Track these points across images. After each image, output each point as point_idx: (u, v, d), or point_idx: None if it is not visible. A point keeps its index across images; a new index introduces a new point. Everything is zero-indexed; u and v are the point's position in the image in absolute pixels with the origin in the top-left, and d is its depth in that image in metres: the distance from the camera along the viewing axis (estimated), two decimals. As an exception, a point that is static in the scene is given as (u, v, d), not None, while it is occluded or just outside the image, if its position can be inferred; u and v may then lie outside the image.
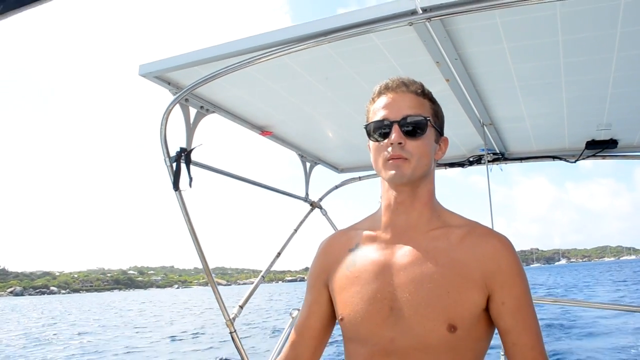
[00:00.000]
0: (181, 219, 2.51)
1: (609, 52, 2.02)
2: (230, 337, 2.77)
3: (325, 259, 1.55)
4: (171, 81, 2.34)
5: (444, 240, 1.38)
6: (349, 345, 1.44)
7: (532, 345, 1.30)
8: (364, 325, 1.36)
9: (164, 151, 2.43)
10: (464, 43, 1.97)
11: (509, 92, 2.46)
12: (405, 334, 1.30)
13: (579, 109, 2.70)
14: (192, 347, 18.94)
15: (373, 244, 1.46)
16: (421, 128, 1.37)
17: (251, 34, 1.98)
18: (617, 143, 3.21)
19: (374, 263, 1.41)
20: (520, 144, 3.39)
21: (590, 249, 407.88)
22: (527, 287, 1.35)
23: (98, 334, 26.56)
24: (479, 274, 1.32)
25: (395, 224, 1.44)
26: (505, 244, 1.36)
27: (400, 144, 1.35)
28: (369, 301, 1.37)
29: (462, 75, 2.21)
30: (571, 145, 3.35)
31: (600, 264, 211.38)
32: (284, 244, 3.52)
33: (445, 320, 1.28)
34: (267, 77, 2.33)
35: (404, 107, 1.38)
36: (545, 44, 1.96)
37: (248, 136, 3.02)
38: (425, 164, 1.39)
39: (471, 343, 1.32)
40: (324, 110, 2.74)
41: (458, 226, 1.41)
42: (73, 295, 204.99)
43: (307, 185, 3.73)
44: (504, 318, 1.32)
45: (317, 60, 2.15)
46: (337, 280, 1.48)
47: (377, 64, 2.17)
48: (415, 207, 1.42)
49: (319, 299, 1.54)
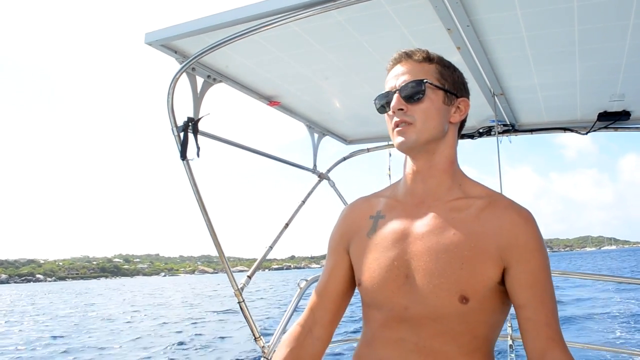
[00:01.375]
0: (168, 205, 2.51)
1: (625, 19, 1.96)
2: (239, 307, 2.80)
3: (347, 224, 1.57)
4: (178, 50, 2.31)
5: (464, 212, 1.38)
6: (367, 310, 1.46)
7: (547, 322, 1.28)
8: (381, 292, 1.38)
9: (171, 121, 2.42)
10: (476, 9, 1.93)
11: (521, 61, 2.41)
12: (419, 303, 1.32)
13: (593, 79, 2.64)
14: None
15: (393, 211, 1.47)
16: (420, 91, 1.37)
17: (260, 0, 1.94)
18: (629, 115, 3.15)
19: (393, 231, 1.42)
20: (531, 115, 3.34)
21: (572, 239, 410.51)
22: (545, 263, 1.32)
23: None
24: (494, 247, 1.31)
25: (415, 192, 1.45)
26: (525, 217, 1.34)
27: (401, 109, 1.37)
28: (386, 268, 1.38)
29: (473, 43, 2.16)
30: (583, 116, 3.30)
31: (582, 254, 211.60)
32: (291, 215, 3.52)
33: (458, 292, 1.28)
34: (274, 45, 2.30)
35: (403, 75, 1.41)
36: (560, 10, 1.91)
37: (256, 106, 3.00)
38: (432, 127, 1.38)
39: (483, 315, 1.32)
40: (333, 79, 2.71)
41: (479, 197, 1.41)
42: (61, 283, 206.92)
43: (315, 156, 3.71)
44: (518, 292, 1.30)
45: (325, 27, 2.11)
46: (357, 246, 1.49)
47: (388, 32, 2.13)
48: (433, 174, 1.42)
49: (340, 263, 1.56)
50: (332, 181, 3.89)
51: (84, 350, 16.69)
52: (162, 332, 20.18)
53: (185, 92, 2.45)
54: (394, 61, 1.46)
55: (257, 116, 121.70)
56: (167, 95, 2.34)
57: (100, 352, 16.25)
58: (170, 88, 2.32)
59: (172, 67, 2.33)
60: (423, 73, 1.40)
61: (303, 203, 3.63)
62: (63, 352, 16.75)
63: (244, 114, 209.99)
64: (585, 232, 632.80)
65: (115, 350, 16.32)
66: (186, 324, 22.57)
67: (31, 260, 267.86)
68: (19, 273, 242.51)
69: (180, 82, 2.36)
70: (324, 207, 19.99)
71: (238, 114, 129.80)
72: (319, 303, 1.57)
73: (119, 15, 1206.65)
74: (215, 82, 2.59)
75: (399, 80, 1.40)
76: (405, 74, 1.41)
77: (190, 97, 2.48)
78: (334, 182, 3.90)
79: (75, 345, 18.05)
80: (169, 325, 22.45)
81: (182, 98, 2.42)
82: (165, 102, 2.37)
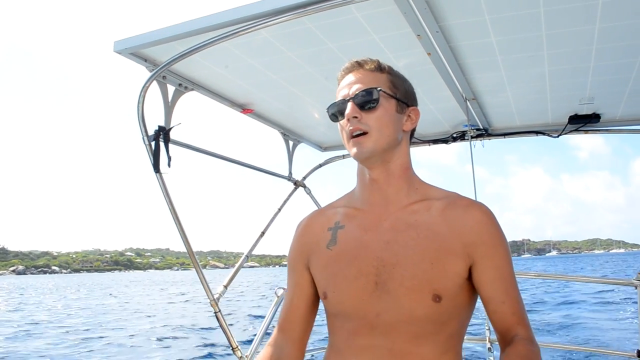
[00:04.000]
0: (177, 201, 2.50)
1: (590, 24, 2.00)
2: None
3: (304, 239, 1.56)
4: (148, 58, 2.28)
5: (425, 213, 1.39)
6: (333, 320, 1.45)
7: (513, 311, 1.33)
8: (349, 302, 1.37)
9: (142, 130, 2.38)
10: (445, 15, 1.94)
11: (491, 66, 2.43)
12: (391, 307, 1.32)
13: (562, 83, 2.68)
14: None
15: (353, 221, 1.46)
16: (374, 100, 1.39)
17: (230, 7, 1.93)
18: (599, 117, 3.20)
19: (356, 240, 1.42)
20: (503, 119, 3.38)
21: (580, 241, 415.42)
22: (508, 257, 1.38)
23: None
24: (460, 245, 1.33)
25: (373, 200, 1.45)
26: (486, 214, 1.37)
27: (355, 117, 1.38)
28: (352, 277, 1.37)
29: (443, 48, 2.18)
30: (554, 120, 3.35)
31: (589, 256, 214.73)
32: (267, 223, 3.50)
33: (431, 291, 1.30)
34: (246, 53, 2.28)
35: (356, 83, 1.42)
36: (527, 15, 1.94)
37: (230, 114, 2.97)
38: (387, 135, 1.39)
39: (455, 312, 1.35)
40: (305, 86, 2.70)
41: (438, 198, 1.42)
42: (76, 275, 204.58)
43: (290, 163, 3.70)
44: (485, 287, 1.34)
45: (297, 34, 2.11)
46: (317, 259, 1.49)
47: (358, 38, 2.13)
48: (390, 182, 1.43)
49: (300, 280, 1.55)
50: (309, 188, 3.88)
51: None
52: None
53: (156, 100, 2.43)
54: (345, 70, 1.48)
55: (232, 123, 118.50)
56: (137, 103, 2.30)
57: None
58: (140, 97, 2.28)
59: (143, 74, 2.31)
60: (375, 82, 1.42)
61: (279, 211, 3.62)
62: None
63: (218, 121, 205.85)
64: (594, 235, 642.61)
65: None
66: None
67: (45, 252, 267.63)
68: (35, 265, 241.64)
69: (151, 90, 2.33)
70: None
71: (212, 121, 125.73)
72: (287, 321, 1.57)
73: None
74: (187, 90, 2.56)
75: (352, 89, 1.42)
76: (358, 83, 1.42)
77: (161, 105, 2.45)
78: (310, 189, 3.88)
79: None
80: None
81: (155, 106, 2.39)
82: (136, 111, 2.34)
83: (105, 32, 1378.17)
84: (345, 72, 1.49)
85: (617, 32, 2.07)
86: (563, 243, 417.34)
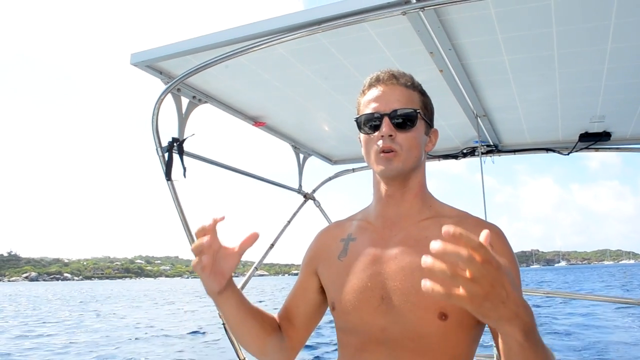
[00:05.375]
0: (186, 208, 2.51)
1: (602, 44, 2.01)
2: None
3: (317, 247, 1.58)
4: (163, 70, 2.32)
5: (435, 230, 1.38)
6: (342, 335, 1.44)
7: None
8: (355, 314, 1.37)
9: (155, 141, 2.41)
10: (458, 33, 1.97)
11: (502, 84, 2.45)
12: (397, 323, 1.30)
13: (573, 101, 2.69)
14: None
15: (364, 234, 1.47)
16: (411, 121, 1.38)
17: (245, 23, 1.96)
18: (610, 135, 3.21)
19: (365, 253, 1.42)
20: (513, 135, 3.39)
21: (590, 252, 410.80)
22: (518, 276, 1.33)
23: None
24: None
25: (387, 215, 1.45)
26: (497, 233, 1.36)
27: (390, 136, 1.37)
28: (359, 290, 1.37)
29: (455, 65, 2.20)
30: (565, 137, 3.35)
31: (599, 267, 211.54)
32: (277, 235, 3.51)
33: (437, 309, 1.28)
34: (260, 67, 2.32)
35: (393, 99, 1.39)
36: (539, 35, 1.96)
37: (242, 127, 3.00)
38: (415, 156, 1.40)
39: (462, 332, 1.32)
40: (318, 101, 2.73)
41: (449, 216, 1.42)
42: (89, 282, 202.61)
43: (300, 176, 3.72)
44: None
45: (311, 50, 2.14)
46: (328, 269, 1.49)
47: (371, 55, 2.15)
48: (406, 198, 1.44)
49: (305, 284, 1.57)
50: (318, 201, 3.90)
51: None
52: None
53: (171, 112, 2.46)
54: (378, 81, 1.43)
55: (243, 136, 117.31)
56: (152, 115, 2.34)
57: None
58: (155, 108, 2.32)
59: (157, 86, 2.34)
60: (412, 101, 1.40)
61: (288, 223, 3.63)
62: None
63: (230, 133, 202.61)
64: (604, 246, 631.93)
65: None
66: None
67: (56, 259, 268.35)
68: (48, 271, 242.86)
69: (166, 102, 2.36)
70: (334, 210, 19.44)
71: (225, 134, 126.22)
72: (282, 311, 1.58)
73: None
74: (201, 102, 2.60)
75: (390, 105, 1.39)
76: (396, 100, 1.39)
77: (175, 117, 2.49)
78: (319, 202, 3.90)
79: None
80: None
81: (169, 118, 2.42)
82: (150, 122, 2.37)
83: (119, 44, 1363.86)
84: (377, 83, 1.44)
85: (629, 53, 2.08)
86: (572, 254, 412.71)
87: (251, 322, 1.45)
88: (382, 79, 1.43)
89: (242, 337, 1.49)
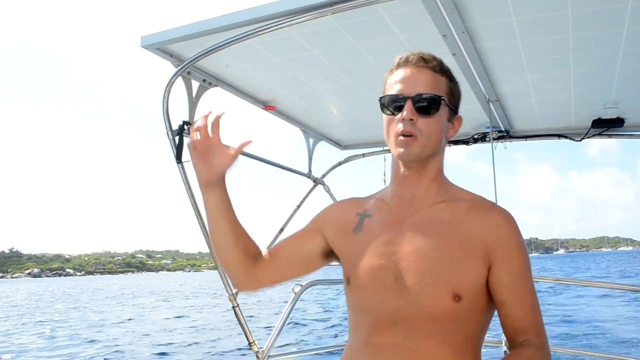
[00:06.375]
0: (186, 202, 2.52)
1: (619, 27, 1.98)
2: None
3: (332, 214, 1.60)
4: (173, 53, 2.31)
5: (449, 213, 1.40)
6: (354, 315, 1.45)
7: (524, 316, 1.31)
8: (369, 291, 1.38)
9: (166, 124, 2.41)
10: (472, 16, 1.94)
11: (515, 68, 2.42)
12: (410, 303, 1.31)
13: (587, 86, 2.66)
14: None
15: (380, 212, 1.48)
16: (435, 106, 1.37)
17: (256, 5, 1.94)
18: (623, 122, 3.17)
19: (380, 231, 1.43)
20: (525, 121, 3.36)
21: (588, 239, 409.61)
22: (525, 261, 1.36)
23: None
24: (481, 246, 1.33)
25: (403, 196, 1.46)
26: (507, 218, 1.38)
27: (411, 120, 1.36)
28: (373, 267, 1.38)
29: (468, 49, 2.17)
30: (577, 123, 3.32)
31: (596, 255, 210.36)
32: (286, 220, 3.52)
33: (451, 290, 1.29)
34: (270, 50, 2.30)
35: (419, 83, 1.38)
36: (554, 18, 1.93)
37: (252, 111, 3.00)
38: (434, 142, 1.40)
39: (475, 314, 1.33)
40: (328, 84, 2.71)
41: (464, 200, 1.43)
42: (92, 278, 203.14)
43: (310, 161, 3.71)
44: (499, 290, 1.33)
45: (322, 33, 2.12)
46: (343, 240, 1.51)
47: (383, 37, 2.13)
48: (422, 181, 1.44)
49: (303, 235, 1.60)
50: (327, 186, 3.89)
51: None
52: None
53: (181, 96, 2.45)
54: (406, 62, 1.42)
55: (253, 119, 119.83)
56: (163, 98, 2.33)
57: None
58: (166, 92, 2.31)
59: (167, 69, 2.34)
60: (438, 86, 1.39)
61: (298, 207, 3.63)
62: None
63: (237, 117, 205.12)
64: (602, 233, 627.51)
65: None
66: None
67: (58, 255, 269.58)
68: (50, 267, 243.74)
69: (176, 85, 2.35)
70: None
71: (233, 117, 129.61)
72: (274, 247, 1.61)
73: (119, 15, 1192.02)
74: (211, 86, 2.59)
75: (415, 88, 1.37)
76: (421, 84, 1.38)
77: (185, 100, 2.48)
78: (329, 187, 3.89)
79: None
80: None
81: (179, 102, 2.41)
82: (161, 106, 2.37)
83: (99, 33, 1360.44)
84: (405, 64, 1.42)
85: (646, 36, 2.05)
86: (571, 241, 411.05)
87: (228, 229, 1.50)
88: (410, 61, 1.42)
89: (215, 241, 1.53)
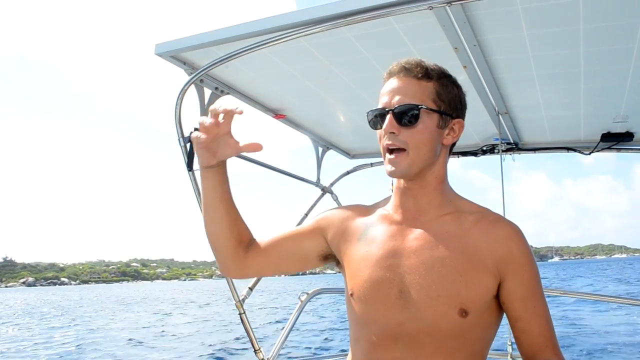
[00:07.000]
0: (181, 211, 2.53)
1: (630, 43, 1.99)
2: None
3: (338, 216, 1.55)
4: (187, 61, 2.33)
5: (456, 225, 1.37)
6: (357, 328, 1.42)
7: (540, 332, 1.30)
8: (372, 306, 1.35)
9: (178, 132, 2.43)
10: (484, 29, 1.95)
11: (526, 81, 2.43)
12: (415, 318, 1.29)
13: (597, 100, 2.67)
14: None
15: (383, 224, 1.45)
16: (414, 117, 1.33)
17: (269, 15, 1.96)
18: (633, 136, 3.17)
19: (384, 243, 1.40)
20: (534, 134, 3.36)
21: (583, 247, 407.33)
22: (537, 275, 1.35)
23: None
24: (491, 260, 1.31)
25: (405, 207, 1.43)
26: (516, 231, 1.36)
27: (392, 133, 1.33)
28: (377, 281, 1.36)
29: (479, 62, 2.19)
30: (586, 137, 3.32)
31: (591, 262, 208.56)
32: (294, 228, 3.52)
33: (457, 305, 1.27)
34: (282, 59, 2.32)
35: (399, 94, 1.35)
36: (566, 32, 1.94)
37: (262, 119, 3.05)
38: (425, 153, 1.35)
39: (481, 330, 1.32)
40: (339, 94, 2.73)
41: (470, 212, 1.40)
42: (86, 287, 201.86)
43: (318, 169, 3.72)
44: (513, 305, 1.31)
45: (334, 43, 2.14)
46: (347, 249, 1.48)
47: (395, 49, 2.15)
48: (424, 192, 1.41)
49: (302, 232, 1.56)
50: (335, 195, 3.90)
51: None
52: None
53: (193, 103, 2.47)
54: (390, 73, 1.40)
55: (264, 126, 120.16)
56: (175, 106, 2.35)
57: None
58: (178, 99, 2.33)
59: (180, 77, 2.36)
60: (419, 94, 1.34)
61: (306, 216, 3.64)
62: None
63: (246, 125, 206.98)
64: (596, 240, 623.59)
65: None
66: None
67: (52, 264, 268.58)
68: (45, 276, 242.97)
69: (188, 93, 2.37)
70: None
71: (244, 127, 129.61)
72: (260, 239, 1.57)
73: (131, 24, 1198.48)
74: (223, 94, 2.61)
75: (394, 99, 1.34)
76: (400, 93, 1.34)
77: (197, 108, 2.50)
78: (337, 196, 3.90)
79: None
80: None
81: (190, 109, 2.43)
82: (173, 113, 2.39)
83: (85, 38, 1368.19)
84: (389, 75, 1.40)
85: (657, 52, 2.05)
86: (565, 249, 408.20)
87: (223, 212, 1.47)
88: (393, 72, 1.40)
89: (208, 223, 1.50)
